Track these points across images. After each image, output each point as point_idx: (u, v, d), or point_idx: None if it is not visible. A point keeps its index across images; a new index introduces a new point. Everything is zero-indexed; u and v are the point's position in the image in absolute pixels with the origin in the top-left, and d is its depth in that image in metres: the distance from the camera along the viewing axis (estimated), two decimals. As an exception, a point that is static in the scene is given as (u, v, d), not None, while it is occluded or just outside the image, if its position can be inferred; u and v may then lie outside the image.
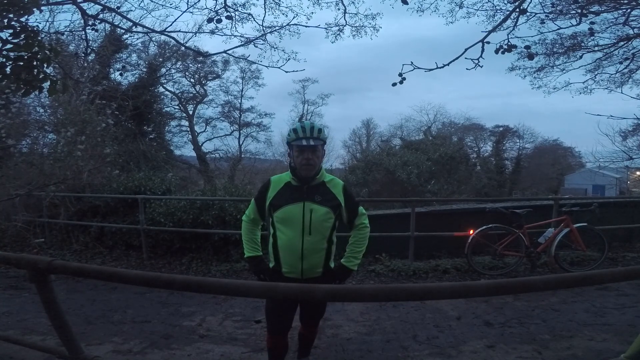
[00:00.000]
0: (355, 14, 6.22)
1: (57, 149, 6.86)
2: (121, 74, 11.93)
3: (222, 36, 5.85)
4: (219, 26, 5.66)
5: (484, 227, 4.84)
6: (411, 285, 1.60)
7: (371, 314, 3.64)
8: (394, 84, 4.41)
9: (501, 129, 26.34)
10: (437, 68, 4.35)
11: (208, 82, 20.94)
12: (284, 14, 6.14)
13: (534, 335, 3.13)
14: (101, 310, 3.88)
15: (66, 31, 6.05)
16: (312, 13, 6.77)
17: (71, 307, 3.83)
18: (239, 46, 5.88)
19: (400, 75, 4.30)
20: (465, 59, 4.23)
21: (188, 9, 5.21)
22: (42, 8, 4.44)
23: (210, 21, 5.21)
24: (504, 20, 4.81)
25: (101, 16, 5.20)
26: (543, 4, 5.80)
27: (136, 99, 11.10)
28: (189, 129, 21.11)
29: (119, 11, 5.00)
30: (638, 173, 14.65)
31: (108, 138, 8.12)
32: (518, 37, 4.83)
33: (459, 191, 15.18)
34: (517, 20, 4.87)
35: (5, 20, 2.58)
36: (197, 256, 5.50)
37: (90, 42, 6.81)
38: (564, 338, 3.05)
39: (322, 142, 2.11)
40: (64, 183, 6.41)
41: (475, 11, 6.03)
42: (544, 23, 5.92)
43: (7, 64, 2.69)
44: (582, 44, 7.36)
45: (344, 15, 5.95)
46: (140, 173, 7.16)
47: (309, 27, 5.91)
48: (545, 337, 3.08)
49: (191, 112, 21.20)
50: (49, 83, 2.75)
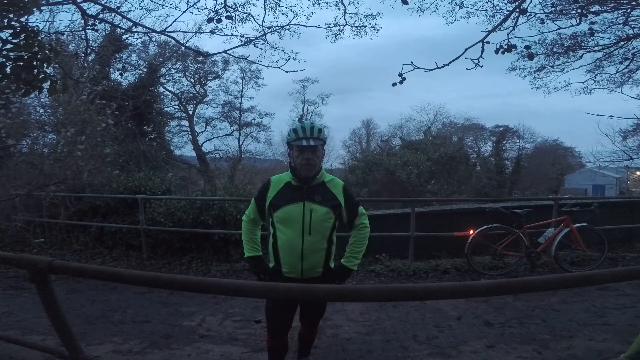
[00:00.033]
0: (355, 14, 6.23)
1: (57, 149, 6.86)
2: (121, 74, 11.97)
3: (222, 36, 5.86)
4: (219, 26, 5.68)
5: (484, 227, 4.84)
6: (411, 285, 1.60)
7: (371, 314, 3.64)
8: (394, 84, 4.42)
9: (501, 129, 26.40)
10: (437, 68, 4.35)
11: (208, 82, 21.01)
12: (284, 14, 6.16)
13: (534, 335, 3.13)
14: (101, 310, 3.88)
15: (66, 31, 6.07)
16: (312, 13, 6.78)
17: (71, 307, 3.83)
18: (239, 46, 5.89)
19: (400, 75, 4.30)
20: (465, 59, 4.24)
21: (188, 9, 5.23)
22: (42, 8, 4.44)
23: (210, 21, 5.22)
24: (504, 20, 4.82)
25: (101, 16, 5.21)
26: (543, 4, 5.81)
27: (136, 99, 11.12)
28: (189, 129, 21.14)
29: (119, 11, 5.01)
30: (638, 173, 14.65)
31: (108, 138, 8.12)
32: (518, 37, 4.84)
33: (459, 191, 15.18)
34: (517, 20, 4.87)
35: (5, 20, 2.58)
36: (197, 256, 5.51)
37: (90, 42, 6.81)
38: (564, 338, 3.05)
39: (322, 142, 2.12)
40: (64, 183, 6.42)
41: (475, 11, 6.04)
42: (544, 23, 5.93)
43: (7, 64, 2.69)
44: (582, 44, 7.36)
45: (344, 15, 5.96)
46: (140, 173, 7.15)
47: (309, 27, 5.93)
48: (545, 337, 3.08)
49: (191, 112, 21.24)
50: (49, 83, 2.75)
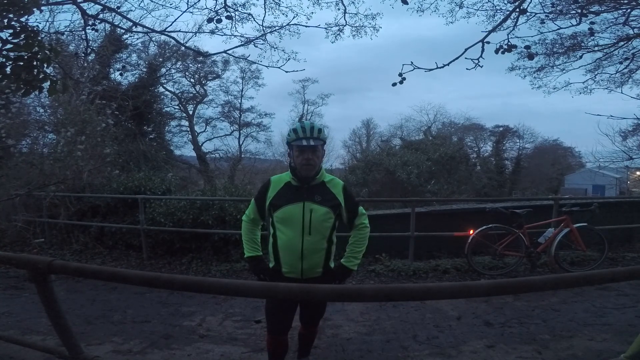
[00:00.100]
0: (355, 14, 6.24)
1: (57, 149, 6.86)
2: (121, 74, 11.97)
3: (222, 36, 5.87)
4: (219, 26, 5.68)
5: (484, 227, 4.84)
6: (411, 285, 1.60)
7: (371, 314, 3.64)
8: (394, 84, 4.42)
9: (501, 129, 26.41)
10: (437, 68, 4.35)
11: (208, 82, 21.01)
12: (284, 14, 6.17)
13: (534, 335, 3.13)
14: (101, 310, 3.88)
15: (66, 31, 6.07)
16: (312, 13, 6.80)
17: (71, 307, 3.83)
18: (239, 46, 5.89)
19: (400, 75, 4.30)
20: (465, 59, 4.24)
21: (188, 9, 5.23)
22: (42, 8, 4.45)
23: (210, 21, 5.22)
24: (504, 20, 4.82)
25: (101, 16, 5.22)
26: (543, 4, 5.81)
27: (136, 99, 11.12)
28: (189, 129, 21.15)
29: (119, 11, 5.01)
30: (638, 173, 14.65)
31: (108, 138, 8.12)
32: (518, 37, 4.84)
33: (459, 191, 15.18)
34: (517, 20, 4.88)
35: (5, 20, 2.58)
36: (197, 256, 5.50)
37: (90, 42, 6.81)
38: (564, 338, 3.05)
39: (322, 142, 2.12)
40: (64, 183, 6.42)
41: (475, 11, 6.05)
42: (544, 23, 5.93)
43: (7, 64, 2.69)
44: (582, 44, 7.36)
45: (344, 15, 5.97)
46: (140, 173, 7.15)
47: (309, 27, 5.93)
48: (545, 337, 3.08)
49: (191, 112, 21.25)
50: (49, 83, 2.75)
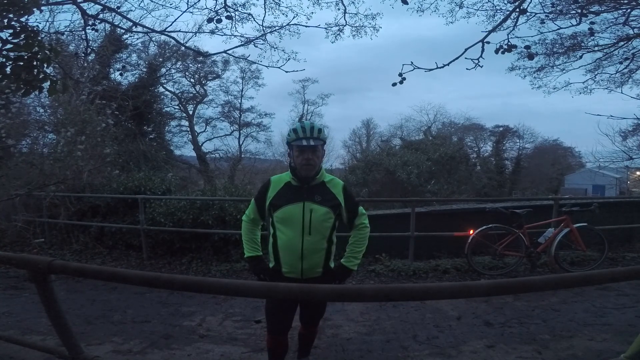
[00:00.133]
0: (355, 14, 6.24)
1: (57, 149, 6.85)
2: (121, 74, 11.98)
3: (222, 36, 5.87)
4: (219, 26, 5.68)
5: (484, 227, 4.84)
6: (411, 285, 1.60)
7: (371, 314, 3.64)
8: (394, 84, 4.42)
9: (501, 129, 26.40)
10: (437, 68, 4.36)
11: (208, 82, 21.02)
12: (284, 14, 6.17)
13: (534, 335, 3.13)
14: (101, 310, 3.88)
15: (66, 31, 6.08)
16: (312, 13, 6.80)
17: (71, 307, 3.83)
18: (239, 46, 5.89)
19: (400, 75, 4.31)
20: (465, 59, 4.24)
21: (188, 9, 5.23)
22: (42, 8, 4.45)
23: (210, 21, 5.22)
24: (504, 20, 4.82)
25: (101, 16, 5.22)
26: (543, 4, 5.81)
27: (136, 99, 11.12)
28: (189, 129, 21.15)
29: (119, 11, 5.01)
30: (638, 173, 14.65)
31: (108, 138, 8.12)
32: (518, 37, 4.85)
33: (459, 191, 15.18)
34: (517, 20, 4.88)
35: (5, 20, 2.58)
36: (197, 256, 5.50)
37: (90, 42, 6.81)
38: (564, 338, 3.05)
39: (322, 142, 2.12)
40: (64, 183, 6.42)
41: (475, 11, 6.05)
42: (544, 23, 5.93)
43: (7, 64, 2.69)
44: (582, 44, 7.36)
45: (344, 15, 5.97)
46: (140, 173, 7.15)
47: (309, 27, 5.94)
48: (545, 337, 3.08)
49: (191, 112, 21.25)
50: (49, 83, 2.75)
